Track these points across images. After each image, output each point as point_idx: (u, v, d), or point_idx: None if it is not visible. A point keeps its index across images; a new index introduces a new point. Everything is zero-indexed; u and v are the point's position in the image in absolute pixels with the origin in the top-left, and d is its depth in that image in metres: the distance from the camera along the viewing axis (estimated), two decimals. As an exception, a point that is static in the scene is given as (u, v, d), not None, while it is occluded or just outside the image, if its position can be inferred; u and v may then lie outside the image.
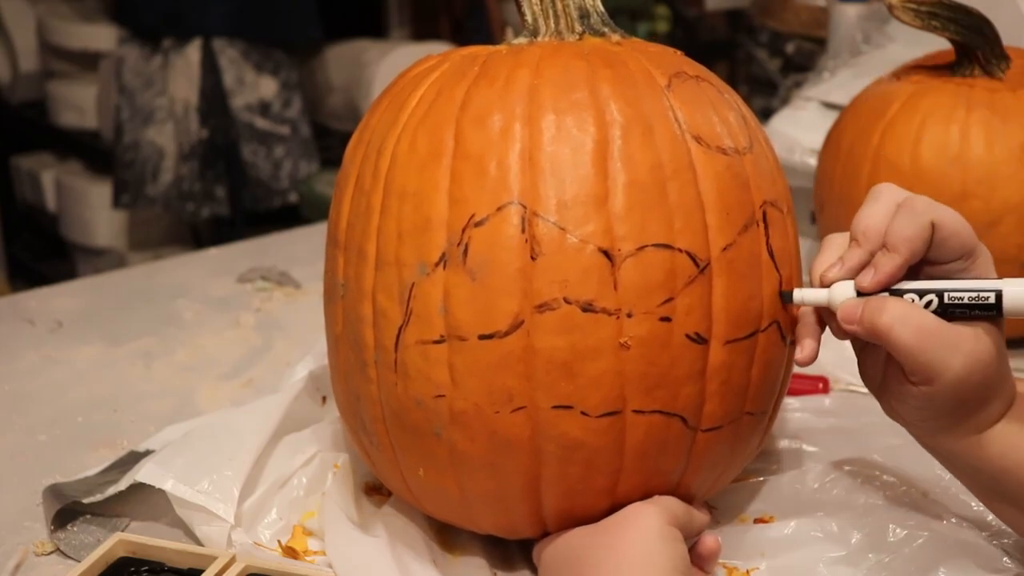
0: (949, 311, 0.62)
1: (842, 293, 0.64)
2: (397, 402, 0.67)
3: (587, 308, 0.63)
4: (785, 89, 2.00)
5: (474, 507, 0.69)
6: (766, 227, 0.67)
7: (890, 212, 0.64)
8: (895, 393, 0.65)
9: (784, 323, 0.68)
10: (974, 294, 0.62)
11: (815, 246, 1.19)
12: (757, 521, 0.76)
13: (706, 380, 0.65)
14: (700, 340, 0.64)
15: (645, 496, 0.67)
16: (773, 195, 0.69)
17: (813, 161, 1.21)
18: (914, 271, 0.64)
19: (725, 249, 0.65)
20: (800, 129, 1.30)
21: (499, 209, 0.63)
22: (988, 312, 0.62)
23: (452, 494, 0.68)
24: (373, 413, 0.69)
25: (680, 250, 0.64)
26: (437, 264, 0.64)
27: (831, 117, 1.20)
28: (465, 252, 0.63)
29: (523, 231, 0.63)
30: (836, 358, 0.98)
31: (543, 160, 0.63)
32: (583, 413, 0.63)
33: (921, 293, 0.63)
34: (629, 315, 0.63)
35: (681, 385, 0.64)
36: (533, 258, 0.63)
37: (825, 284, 0.65)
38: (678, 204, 0.64)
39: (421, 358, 0.65)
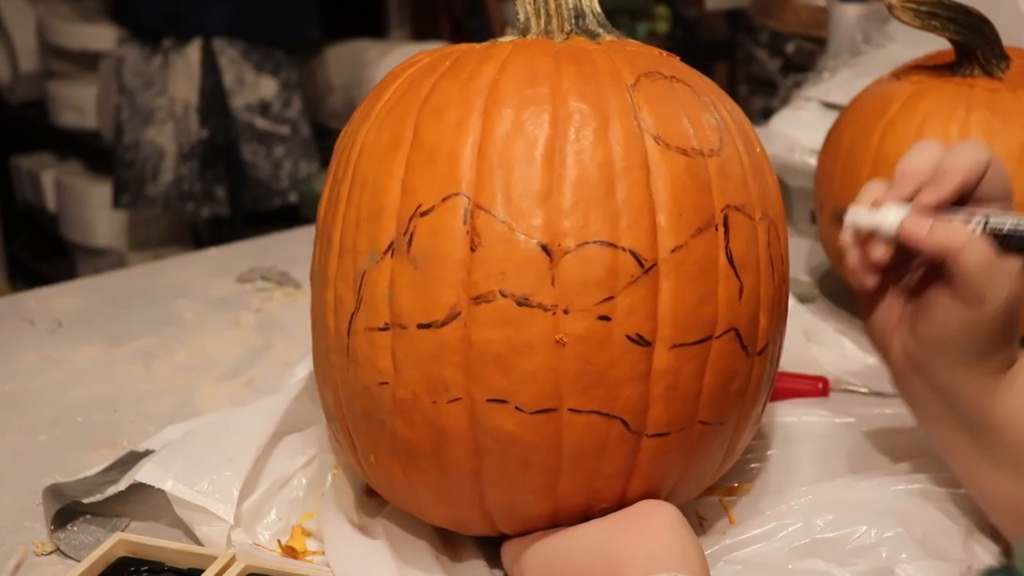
0: (990, 237, 0.67)
1: (896, 215, 0.68)
2: (348, 388, 0.68)
3: (523, 302, 0.62)
4: (785, 89, 2.00)
5: (421, 497, 0.69)
6: (727, 231, 0.66)
7: (936, 157, 0.68)
8: (933, 319, 0.68)
9: (745, 332, 0.67)
10: (1015, 223, 0.67)
11: (815, 246, 1.20)
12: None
13: (650, 384, 0.64)
14: (642, 342, 0.63)
15: (590, 499, 0.66)
16: (741, 200, 0.67)
17: (813, 161, 1.21)
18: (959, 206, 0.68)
19: (675, 250, 0.64)
20: (800, 129, 1.29)
21: (444, 199, 0.63)
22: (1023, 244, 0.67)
23: (400, 482, 0.69)
24: (335, 398, 0.70)
25: (624, 249, 0.63)
26: (386, 252, 0.65)
27: (831, 117, 1.20)
28: (410, 241, 0.64)
29: (465, 222, 0.63)
30: (836, 358, 0.98)
31: (493, 153, 0.63)
32: (517, 408, 0.63)
33: (968, 219, 0.67)
34: (566, 311, 0.62)
35: (621, 386, 0.63)
36: (473, 249, 0.62)
37: (877, 207, 0.69)
38: (626, 202, 0.63)
39: (368, 344, 0.65)
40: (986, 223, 0.67)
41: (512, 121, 0.64)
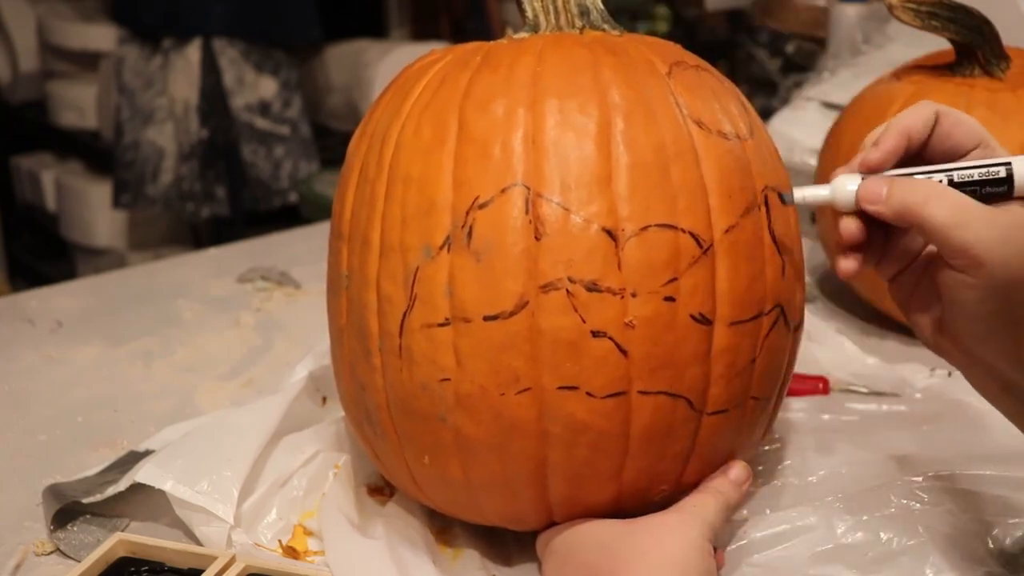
0: (960, 191, 0.60)
1: (845, 184, 0.63)
2: (402, 388, 0.67)
3: (592, 288, 0.63)
4: (785, 89, 2.00)
5: (479, 495, 0.69)
6: (768, 211, 0.68)
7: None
8: (948, 305, 0.60)
9: (788, 307, 0.69)
10: (983, 170, 0.61)
11: (815, 246, 1.20)
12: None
13: (711, 362, 0.66)
14: (705, 321, 0.65)
15: (651, 481, 0.67)
16: (775, 181, 0.69)
17: (813, 161, 1.21)
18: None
19: (728, 231, 0.65)
20: (800, 129, 1.29)
21: (503, 191, 0.63)
22: (999, 188, 0.61)
23: (457, 481, 0.68)
24: (377, 402, 0.69)
25: (683, 230, 0.64)
26: (442, 247, 0.64)
27: (831, 117, 1.19)
28: (469, 234, 0.64)
29: (527, 212, 0.63)
30: (836, 358, 0.98)
31: (547, 142, 0.64)
32: (589, 394, 0.63)
33: (930, 175, 0.62)
34: (633, 295, 0.63)
35: (687, 366, 0.65)
36: (537, 238, 0.63)
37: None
38: (681, 185, 0.65)
39: (426, 341, 0.65)
40: (951, 175, 0.61)
41: (560, 111, 0.65)
